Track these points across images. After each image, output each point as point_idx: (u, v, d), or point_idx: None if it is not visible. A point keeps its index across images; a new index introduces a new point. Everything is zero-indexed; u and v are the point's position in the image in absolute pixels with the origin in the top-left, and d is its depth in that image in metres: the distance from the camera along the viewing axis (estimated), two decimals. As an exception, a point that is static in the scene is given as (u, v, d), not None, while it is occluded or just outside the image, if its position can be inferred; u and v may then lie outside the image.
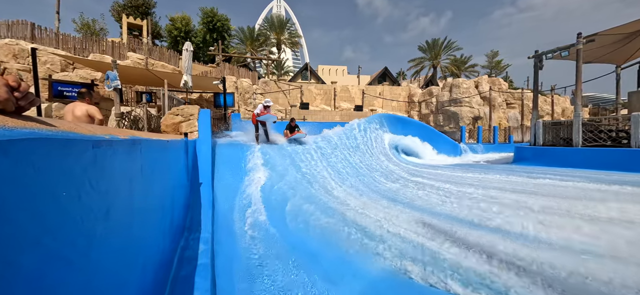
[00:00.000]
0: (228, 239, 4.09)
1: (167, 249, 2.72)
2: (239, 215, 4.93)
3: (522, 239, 3.15)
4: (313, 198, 5.37)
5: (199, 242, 3.44)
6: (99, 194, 1.08)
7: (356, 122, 11.60)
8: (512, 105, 24.37)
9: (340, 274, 3.00)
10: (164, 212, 2.58)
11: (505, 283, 2.42)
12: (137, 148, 1.58)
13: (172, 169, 3.34)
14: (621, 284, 2.21)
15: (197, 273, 2.72)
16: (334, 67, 36.44)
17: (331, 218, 4.30)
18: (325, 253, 3.44)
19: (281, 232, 4.17)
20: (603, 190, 5.15)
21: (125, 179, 1.44)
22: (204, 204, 4.56)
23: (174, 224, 3.06)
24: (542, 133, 12.16)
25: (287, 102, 21.59)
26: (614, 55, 13.44)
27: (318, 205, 4.93)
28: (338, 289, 2.77)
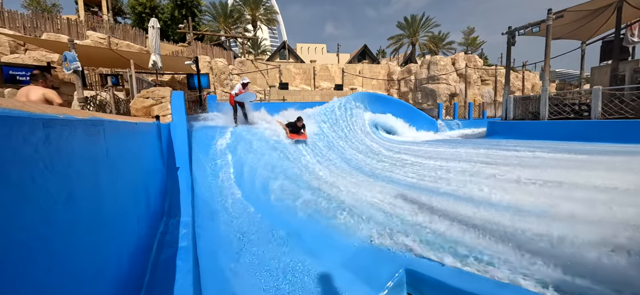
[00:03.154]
0: (209, 222, 4.04)
1: (145, 235, 2.64)
2: (219, 197, 4.85)
3: (488, 206, 3.36)
4: (293, 177, 5.37)
5: (178, 226, 3.36)
6: (56, 176, 1.00)
7: (336, 101, 11.57)
8: (486, 82, 25.22)
9: (323, 247, 3.07)
10: (138, 197, 2.47)
11: (474, 246, 2.58)
12: (98, 129, 1.47)
13: (144, 153, 3.19)
14: (571, 242, 2.43)
15: (178, 256, 2.68)
16: (312, 45, 35.63)
17: (312, 195, 4.34)
18: (308, 228, 3.50)
19: (263, 212, 4.17)
20: (558, 158, 5.56)
21: (88, 162, 1.34)
22: (183, 189, 4.44)
23: (150, 209, 2.96)
24: (513, 108, 12.77)
25: (265, 82, 21.02)
26: (580, 31, 14.11)
27: (298, 184, 4.94)
28: (321, 261, 2.84)
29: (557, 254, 2.22)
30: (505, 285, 1.88)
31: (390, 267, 2.43)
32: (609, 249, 2.20)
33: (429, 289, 2.14)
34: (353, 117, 11.48)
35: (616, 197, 3.40)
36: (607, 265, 2.05)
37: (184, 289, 2.17)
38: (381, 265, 2.51)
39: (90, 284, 1.26)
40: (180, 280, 2.28)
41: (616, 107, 9.34)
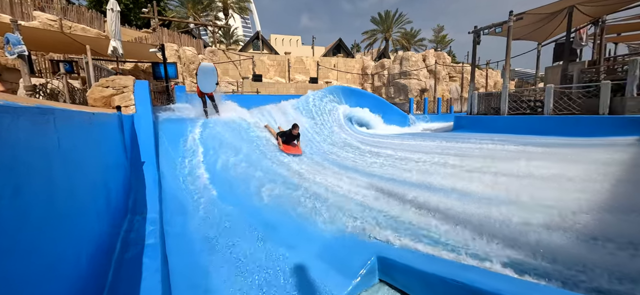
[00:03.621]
0: (179, 218, 3.87)
1: (107, 232, 2.48)
2: (189, 193, 4.67)
3: (453, 194, 3.57)
4: (267, 170, 5.31)
5: (145, 223, 3.19)
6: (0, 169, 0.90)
7: (311, 94, 11.55)
8: (454, 78, 26.52)
9: (298, 239, 3.08)
10: (97, 193, 2.31)
11: (440, 232, 2.74)
12: (48, 119, 1.33)
13: (104, 145, 2.97)
14: (522, 223, 2.67)
15: (145, 254, 2.54)
16: (287, 37, 35.06)
17: (286, 188, 4.33)
18: (283, 221, 3.48)
19: (236, 206, 4.08)
20: (512, 150, 6.06)
21: (37, 154, 1.22)
22: (149, 184, 4.21)
23: (111, 205, 2.77)
24: (477, 103, 13.56)
25: (238, 73, 20.37)
26: (537, 33, 15.24)
27: (273, 177, 4.90)
28: (296, 253, 2.85)
29: (513, 237, 2.43)
30: (469, 267, 2.02)
31: (363, 256, 2.49)
32: (555, 230, 2.44)
33: (398, 274, 2.24)
34: (328, 110, 11.54)
35: (562, 184, 3.77)
36: (554, 244, 2.28)
37: (152, 288, 2.07)
38: (354, 254, 2.58)
39: (42, 283, 1.15)
40: (148, 279, 2.17)
41: (565, 104, 10.27)
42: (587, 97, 9.82)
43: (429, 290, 2.00)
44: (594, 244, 2.36)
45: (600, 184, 3.63)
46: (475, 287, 1.68)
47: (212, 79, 7.39)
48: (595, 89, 9.47)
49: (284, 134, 6.65)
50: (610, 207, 3.05)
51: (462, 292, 1.77)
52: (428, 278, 1.98)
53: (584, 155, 5.47)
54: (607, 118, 8.93)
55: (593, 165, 4.64)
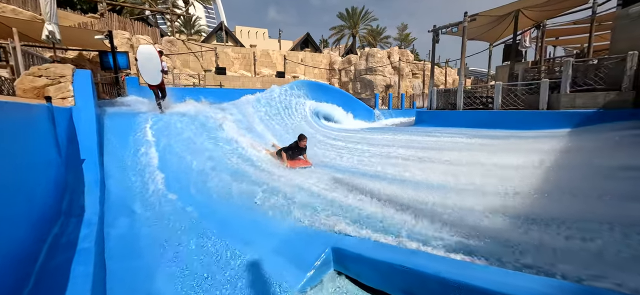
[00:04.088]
0: (125, 220, 3.56)
1: (28, 239, 2.18)
2: (140, 191, 4.32)
3: (409, 184, 3.72)
4: (226, 166, 5.10)
5: (80, 226, 2.88)
6: None
7: (277, 88, 11.34)
8: (416, 75, 27.74)
9: (254, 235, 2.99)
10: (17, 195, 2.02)
11: (393, 220, 2.82)
12: None
13: (29, 141, 2.61)
14: (467, 208, 2.85)
15: (77, 260, 2.29)
16: (253, 29, 34.03)
17: (245, 183, 4.18)
18: (239, 218, 3.36)
19: (192, 204, 3.85)
20: (464, 142, 6.50)
21: None
22: (89, 183, 3.81)
23: (36, 209, 2.44)
24: (436, 99, 14.32)
25: (200, 66, 19.34)
26: (489, 34, 16.41)
27: (232, 173, 4.71)
28: (251, 248, 2.76)
29: (459, 222, 2.58)
30: (415, 252, 2.09)
31: (319, 247, 2.48)
32: (495, 214, 2.64)
33: (351, 263, 2.25)
34: (294, 104, 11.42)
35: (505, 172, 4.11)
36: (494, 226, 2.46)
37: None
38: (310, 246, 2.56)
39: None
40: (76, 286, 1.95)
41: (512, 100, 11.22)
42: (530, 93, 10.81)
43: (379, 276, 2.04)
44: (527, 224, 2.58)
45: (534, 171, 4.01)
46: (419, 270, 1.74)
47: (154, 66, 6.45)
48: (536, 87, 10.46)
49: (290, 148, 5.71)
50: (542, 191, 3.37)
51: (408, 276, 1.82)
52: (378, 265, 2.02)
53: (524, 146, 6.01)
54: (546, 113, 9.92)
55: (531, 155, 5.12)
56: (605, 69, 9.13)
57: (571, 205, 2.94)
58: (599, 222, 2.54)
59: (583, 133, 7.46)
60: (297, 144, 5.66)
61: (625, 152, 5.06)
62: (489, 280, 1.46)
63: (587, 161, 4.68)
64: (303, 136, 5.73)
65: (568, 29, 16.18)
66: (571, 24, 15.38)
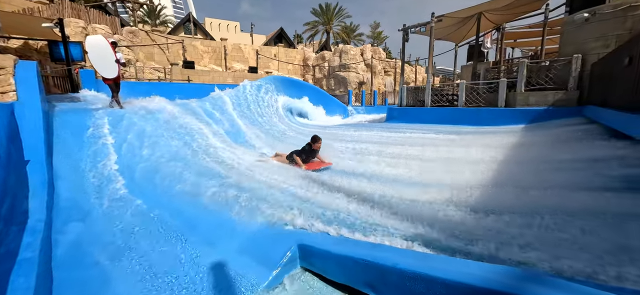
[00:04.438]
0: (76, 225, 3.30)
1: (-46, 252, 1.94)
2: (95, 193, 4.02)
3: (376, 178, 3.82)
4: (193, 165, 4.90)
5: (22, 234, 2.63)
6: None
7: (248, 83, 11.07)
8: (388, 73, 28.48)
9: (220, 235, 2.92)
10: None
11: (365, 217, 2.88)
12: None
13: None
14: (428, 201, 3.00)
15: (15, 272, 2.08)
16: (224, 22, 32.82)
17: (213, 183, 4.05)
18: (204, 218, 3.26)
19: (154, 205, 3.66)
20: (431, 137, 6.81)
21: None
22: (34, 187, 3.49)
23: (-36, 216, 2.18)
24: (406, 96, 14.81)
25: (165, 59, 18.33)
26: (454, 35, 17.22)
27: (198, 172, 4.54)
28: (216, 249, 2.69)
29: (421, 214, 2.70)
30: (377, 245, 2.15)
31: (285, 245, 2.47)
32: (454, 206, 2.81)
33: (317, 259, 2.27)
34: (266, 100, 11.23)
35: (465, 166, 4.37)
36: (453, 217, 2.61)
37: (17, 311, 1.69)
38: (277, 244, 2.54)
39: None
40: (13, 301, 1.77)
41: (474, 97, 11.91)
42: (490, 92, 11.54)
43: (343, 271, 2.08)
44: (482, 215, 2.76)
45: (491, 165, 4.31)
46: (379, 263, 1.79)
47: (108, 58, 5.93)
48: (496, 86, 11.19)
49: (303, 152, 5.30)
50: (496, 183, 3.63)
51: (369, 269, 1.87)
52: (341, 260, 2.05)
53: (484, 141, 6.43)
54: (504, 110, 10.65)
55: (489, 150, 5.49)
56: (555, 70, 9.99)
57: (521, 196, 3.20)
58: (545, 210, 2.79)
59: (535, 129, 8.13)
60: (310, 146, 5.28)
61: (570, 146, 5.58)
62: (442, 269, 1.54)
63: (537, 155, 5.10)
64: (317, 138, 5.32)
65: (524, 33, 17.44)
66: (527, 27, 16.60)
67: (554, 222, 2.57)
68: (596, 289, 1.37)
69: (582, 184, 3.38)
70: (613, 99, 6.20)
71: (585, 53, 9.25)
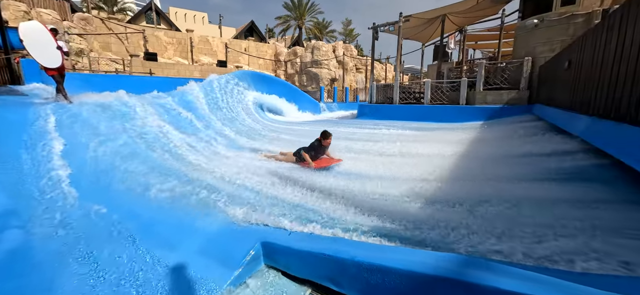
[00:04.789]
0: (13, 232, 2.95)
1: None
2: (35, 197, 3.64)
3: (342, 174, 3.89)
4: (152, 163, 4.64)
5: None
6: None
7: (216, 77, 10.66)
8: (360, 70, 28.98)
9: (180, 236, 2.79)
10: None
11: (329, 212, 2.91)
12: None
13: None
14: (391, 195, 3.12)
15: None
16: (191, 12, 31.19)
17: (174, 181, 3.86)
18: (165, 219, 3.10)
19: (104, 207, 3.40)
20: (397, 133, 7.07)
21: None
22: (-40, 190, 3.07)
23: None
24: (376, 93, 15.19)
25: (124, 50, 17.05)
26: (421, 35, 17.93)
27: (159, 170, 4.30)
28: (175, 251, 2.56)
29: (381, 207, 2.79)
30: (337, 239, 2.19)
31: (248, 243, 2.42)
32: (413, 198, 2.94)
33: (280, 256, 2.26)
34: (235, 96, 10.91)
35: (427, 160, 4.59)
36: (409, 210, 2.73)
37: None
38: (240, 243, 2.48)
39: None
40: None
41: (439, 96, 12.53)
42: (453, 90, 12.21)
43: (305, 266, 2.09)
44: (439, 206, 2.92)
45: (450, 159, 4.58)
46: (339, 257, 1.83)
47: (47, 45, 5.32)
48: (458, 85, 11.87)
49: (312, 148, 4.99)
50: (456, 176, 3.87)
51: (330, 263, 1.90)
52: (304, 255, 2.06)
53: (446, 137, 6.80)
54: (465, 107, 11.33)
55: (451, 145, 5.83)
56: (509, 71, 10.80)
57: (475, 188, 3.43)
58: (496, 200, 3.01)
59: (491, 125, 8.75)
60: (320, 142, 4.99)
61: (520, 141, 6.08)
62: (396, 260, 1.61)
63: (491, 150, 5.51)
64: (328, 133, 5.01)
65: (484, 35, 18.64)
66: (486, 30, 17.74)
67: (502, 210, 2.79)
68: (536, 272, 1.50)
69: (528, 175, 3.70)
70: (556, 99, 6.86)
71: (535, 56, 10.11)
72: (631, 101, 2.95)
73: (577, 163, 3.66)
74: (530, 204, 2.74)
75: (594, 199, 2.67)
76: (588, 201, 2.66)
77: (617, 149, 3.07)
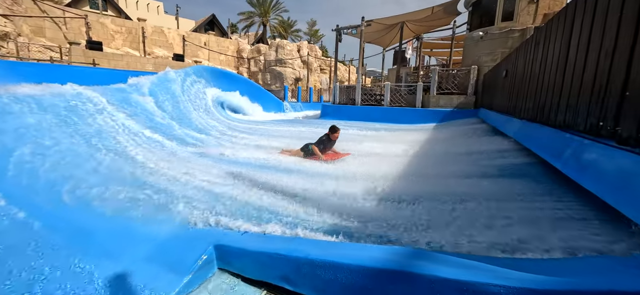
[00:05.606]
0: None
1: None
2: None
3: (301, 173, 3.91)
4: (98, 164, 4.20)
5: None
6: None
7: (171, 71, 9.98)
8: (324, 71, 29.33)
9: (124, 243, 2.56)
10: None
11: (286, 212, 2.90)
12: None
13: None
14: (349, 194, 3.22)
15: None
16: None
17: (120, 185, 3.54)
18: (105, 226, 2.82)
19: (32, 214, 2.99)
20: (358, 133, 7.31)
21: None
22: None
23: None
24: (339, 94, 15.51)
25: (62, 36, 15.15)
26: (382, 40, 18.71)
27: (104, 172, 3.92)
28: (117, 260, 2.34)
29: (338, 206, 2.86)
30: (291, 239, 2.20)
31: (200, 247, 2.31)
32: (370, 196, 3.07)
33: (234, 259, 2.20)
34: (193, 92, 10.32)
35: (384, 159, 4.81)
36: (367, 206, 2.85)
37: None
38: (191, 247, 2.35)
39: None
40: None
41: (397, 98, 13.19)
42: (410, 94, 12.94)
43: (259, 267, 2.06)
44: (391, 202, 3.08)
45: (406, 158, 4.86)
46: (293, 256, 1.83)
47: None
48: (414, 88, 12.62)
49: (321, 142, 5.21)
50: (408, 174, 4.11)
51: (284, 262, 1.89)
52: (257, 257, 2.03)
53: (403, 137, 7.18)
54: (420, 110, 12.08)
55: (406, 144, 6.18)
56: (458, 78, 11.76)
57: (425, 185, 3.67)
58: (444, 196, 3.26)
59: (443, 127, 9.45)
60: (328, 136, 5.24)
61: (466, 141, 6.66)
62: (346, 255, 1.66)
63: (441, 149, 5.95)
64: (336, 128, 5.31)
65: (439, 43, 20.06)
66: (440, 39, 19.12)
67: (449, 206, 3.03)
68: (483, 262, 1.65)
69: (471, 172, 4.06)
70: (496, 104, 7.64)
71: (480, 65, 11.14)
72: (552, 106, 3.40)
73: (510, 161, 4.13)
74: (473, 198, 3.01)
75: (523, 192, 3.03)
76: (518, 195, 3.00)
77: (540, 147, 3.53)
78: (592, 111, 2.47)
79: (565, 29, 3.24)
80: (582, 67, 2.70)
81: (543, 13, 9.96)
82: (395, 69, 18.14)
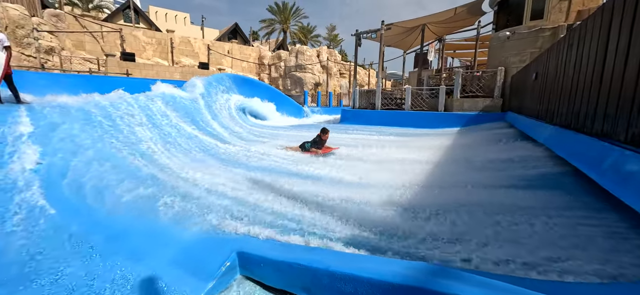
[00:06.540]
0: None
1: None
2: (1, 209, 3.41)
3: (323, 181, 3.92)
4: (128, 171, 4.46)
5: None
6: None
7: (198, 79, 10.44)
8: (344, 75, 29.32)
9: (151, 246, 2.70)
10: None
11: (307, 221, 2.92)
12: None
13: None
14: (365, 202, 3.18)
15: None
16: (172, 12, 30.41)
17: (150, 188, 3.74)
18: (136, 228, 2.99)
19: (74, 217, 3.23)
20: (378, 139, 7.22)
21: None
22: None
23: None
24: (359, 99, 15.41)
25: (99, 49, 16.34)
26: (402, 43, 18.40)
27: (136, 177, 4.16)
28: (145, 263, 2.47)
29: (358, 215, 2.84)
30: (311, 249, 2.21)
31: (223, 254, 2.38)
32: (388, 206, 3.02)
33: (256, 267, 2.25)
34: (217, 99, 10.72)
35: (406, 167, 4.71)
36: (388, 216, 2.80)
37: None
38: (214, 253, 2.43)
39: None
40: None
41: (419, 102, 12.89)
42: (432, 97, 12.60)
43: (281, 276, 2.09)
44: (415, 214, 3.00)
45: (426, 167, 4.73)
46: (313, 266, 1.84)
47: None
48: (437, 92, 12.28)
49: (315, 143, 6.45)
50: (432, 183, 3.99)
51: (304, 273, 1.91)
52: (279, 265, 2.06)
53: (425, 142, 7.00)
54: (443, 114, 11.72)
55: (429, 151, 6.01)
56: (484, 80, 11.30)
57: (449, 195, 3.55)
58: (473, 207, 3.12)
59: (467, 132, 9.10)
60: (320, 137, 6.42)
61: (494, 147, 6.37)
62: (368, 269, 1.64)
63: (467, 156, 5.73)
64: (326, 130, 6.52)
65: (462, 45, 19.41)
66: (464, 40, 18.49)
67: (477, 218, 2.90)
68: (509, 283, 1.57)
69: (500, 182, 3.88)
70: (525, 107, 7.25)
71: (507, 66, 10.64)
72: (588, 113, 3.18)
73: (541, 170, 3.89)
74: (501, 210, 2.87)
75: (555, 206, 2.85)
76: (550, 208, 2.82)
77: (573, 156, 3.30)
78: (633, 121, 2.29)
79: (603, 30, 3.03)
80: (621, 72, 2.51)
81: (577, 10, 9.36)
82: (416, 72, 17.76)
